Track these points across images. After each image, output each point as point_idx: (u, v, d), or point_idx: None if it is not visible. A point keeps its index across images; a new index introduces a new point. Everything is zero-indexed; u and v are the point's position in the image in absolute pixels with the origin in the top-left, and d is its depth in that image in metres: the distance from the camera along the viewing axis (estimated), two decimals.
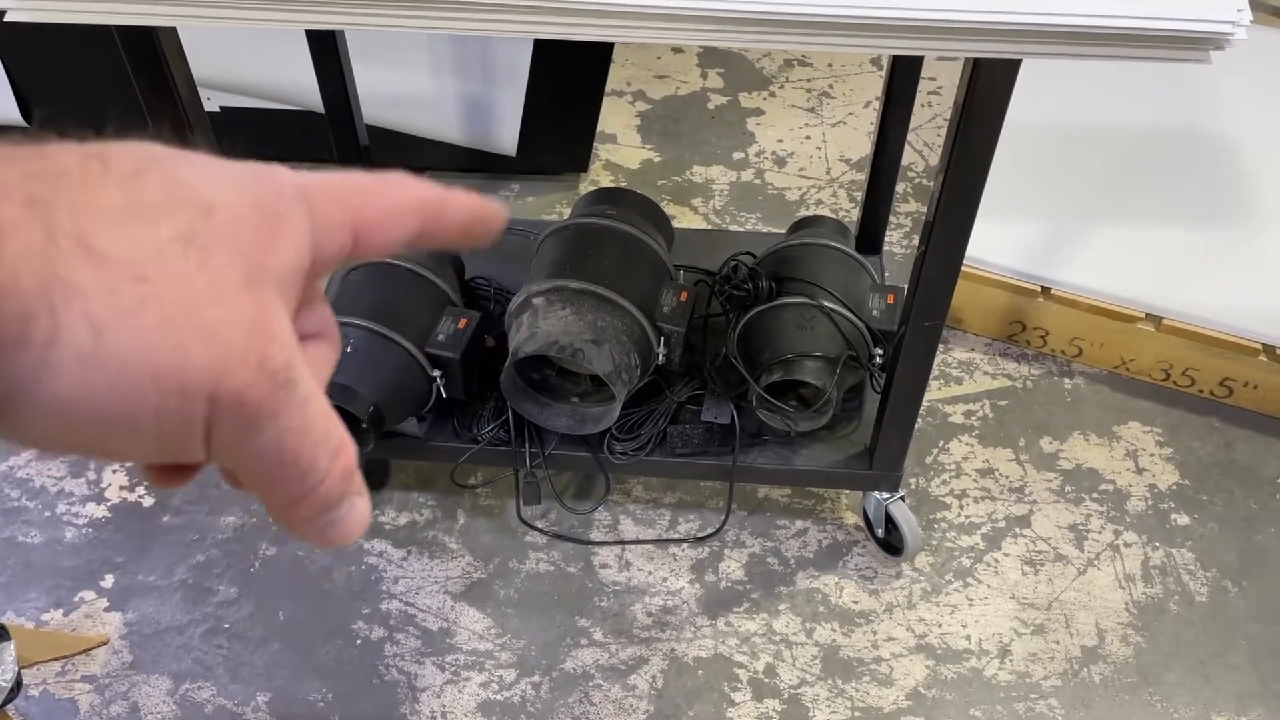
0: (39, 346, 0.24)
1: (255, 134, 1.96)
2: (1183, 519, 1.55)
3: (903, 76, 1.44)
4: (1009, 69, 0.94)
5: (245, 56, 1.86)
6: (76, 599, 1.47)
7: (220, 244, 0.26)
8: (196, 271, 0.26)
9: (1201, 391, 1.68)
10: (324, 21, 0.86)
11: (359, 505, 0.30)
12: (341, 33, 1.50)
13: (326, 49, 1.47)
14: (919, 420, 1.62)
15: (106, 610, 1.46)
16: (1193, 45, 0.75)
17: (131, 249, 0.25)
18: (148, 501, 1.58)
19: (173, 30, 1.04)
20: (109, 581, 1.49)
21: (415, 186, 0.32)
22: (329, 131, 1.57)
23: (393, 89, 1.88)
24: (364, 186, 0.31)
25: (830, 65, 2.29)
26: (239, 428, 0.26)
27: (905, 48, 0.81)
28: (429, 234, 0.32)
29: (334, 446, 0.29)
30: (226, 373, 0.25)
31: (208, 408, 0.26)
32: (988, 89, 0.96)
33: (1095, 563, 1.51)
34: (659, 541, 1.53)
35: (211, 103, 1.89)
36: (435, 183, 0.32)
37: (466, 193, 0.33)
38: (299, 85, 1.82)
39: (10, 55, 1.85)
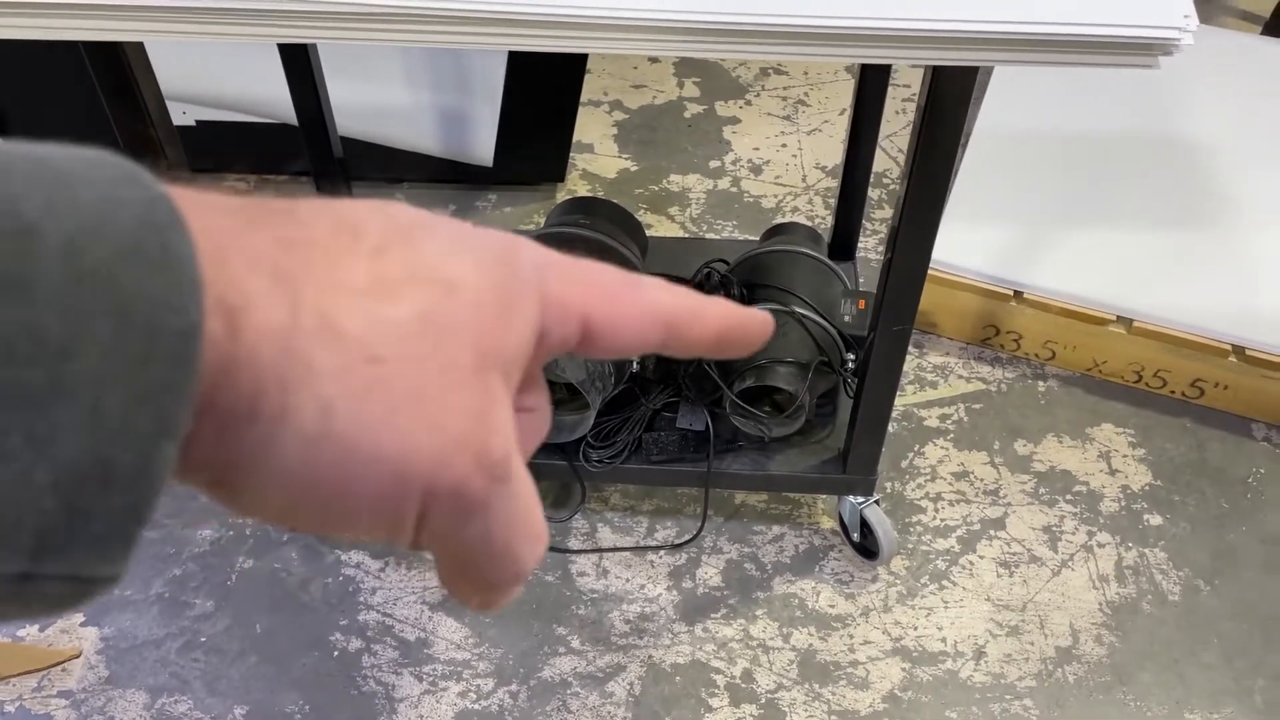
0: (267, 422, 0.23)
1: (232, 147, 1.96)
2: (1155, 519, 1.57)
3: (872, 84, 1.45)
4: (967, 75, 0.95)
5: (221, 70, 1.86)
6: None
7: (457, 325, 0.26)
8: (431, 354, 0.25)
9: (1173, 393, 1.70)
10: (295, 36, 0.87)
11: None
12: (314, 46, 1.50)
13: (299, 62, 1.48)
14: (894, 425, 1.63)
15: (82, 625, 1.46)
16: (1140, 51, 0.76)
17: (369, 327, 0.24)
18: None
19: (139, 45, 1.05)
20: None
21: (669, 296, 0.30)
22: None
23: (368, 101, 1.88)
24: (610, 282, 0.29)
25: (806, 74, 2.31)
26: (452, 518, 0.26)
27: (860, 55, 0.83)
28: (673, 347, 0.30)
29: (534, 537, 0.28)
30: (446, 463, 0.25)
31: (423, 496, 0.25)
32: (948, 94, 0.97)
33: (1069, 564, 1.52)
34: (636, 549, 1.54)
35: (187, 116, 1.89)
36: (693, 292, 0.30)
37: (724, 304, 0.31)
38: (275, 98, 1.82)
39: None
